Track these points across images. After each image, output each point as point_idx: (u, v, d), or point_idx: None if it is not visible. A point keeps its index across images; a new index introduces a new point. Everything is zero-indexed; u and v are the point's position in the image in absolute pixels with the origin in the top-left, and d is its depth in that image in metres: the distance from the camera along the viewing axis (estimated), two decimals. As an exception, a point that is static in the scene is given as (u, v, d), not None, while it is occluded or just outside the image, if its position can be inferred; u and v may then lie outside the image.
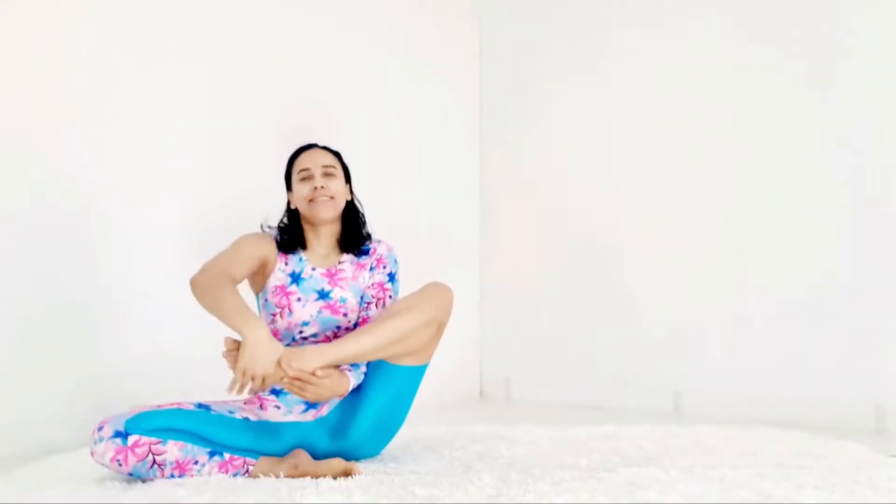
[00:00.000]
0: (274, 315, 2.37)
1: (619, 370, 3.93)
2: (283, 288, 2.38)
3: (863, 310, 3.33)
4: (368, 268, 2.44)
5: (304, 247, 2.43)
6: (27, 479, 2.19)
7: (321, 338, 2.36)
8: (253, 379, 2.09)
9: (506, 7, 4.44)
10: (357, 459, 2.33)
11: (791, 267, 3.50)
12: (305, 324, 2.35)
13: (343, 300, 2.38)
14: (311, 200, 2.38)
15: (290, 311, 2.36)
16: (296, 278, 2.39)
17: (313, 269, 2.40)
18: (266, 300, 2.39)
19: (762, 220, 3.58)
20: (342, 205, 2.44)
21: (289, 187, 2.47)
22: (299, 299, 2.36)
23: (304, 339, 2.36)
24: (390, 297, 2.44)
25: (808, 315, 3.44)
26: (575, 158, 4.15)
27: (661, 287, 3.84)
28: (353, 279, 2.42)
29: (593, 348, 4.03)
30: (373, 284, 2.43)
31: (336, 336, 2.37)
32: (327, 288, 2.38)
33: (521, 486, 1.92)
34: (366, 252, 2.46)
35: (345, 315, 2.38)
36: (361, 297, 2.41)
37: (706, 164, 3.75)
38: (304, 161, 2.43)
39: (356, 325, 2.40)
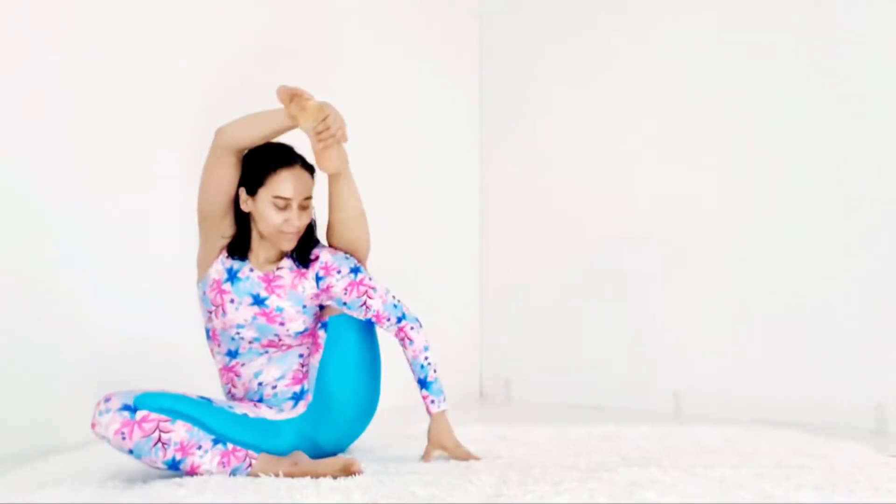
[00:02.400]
0: (210, 312, 2.30)
1: (619, 370, 3.93)
2: (218, 284, 2.28)
3: (862, 310, 3.33)
4: (313, 277, 2.29)
5: (247, 253, 2.30)
6: (27, 478, 2.19)
7: (264, 342, 2.29)
8: (329, 126, 2.16)
9: (506, 7, 4.44)
10: (360, 432, 2.37)
11: (791, 267, 3.50)
12: (241, 326, 2.27)
13: (280, 309, 2.27)
14: (280, 231, 2.24)
15: (223, 311, 2.28)
16: (232, 276, 2.28)
17: (251, 269, 2.29)
18: (204, 293, 2.31)
19: (762, 220, 3.58)
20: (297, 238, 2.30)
21: (251, 190, 2.25)
22: (232, 301, 2.27)
23: (243, 339, 2.28)
24: (372, 288, 2.30)
25: (809, 315, 3.44)
26: (575, 158, 4.15)
27: (660, 287, 3.84)
28: (291, 287, 2.28)
29: (593, 349, 4.02)
30: (346, 290, 2.29)
31: (275, 344, 2.29)
32: (263, 294, 2.27)
33: (521, 486, 1.92)
34: (307, 261, 2.31)
35: (282, 324, 2.27)
36: (304, 307, 2.28)
37: (706, 165, 3.75)
38: (285, 186, 2.22)
39: (305, 330, 2.30)
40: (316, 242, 2.36)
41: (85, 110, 2.98)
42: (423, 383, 2.33)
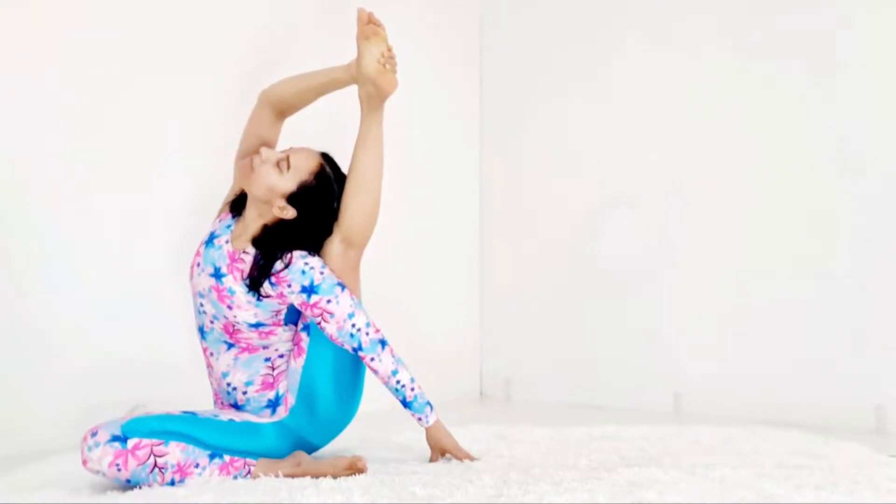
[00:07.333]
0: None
1: (619, 370, 3.93)
2: (200, 244, 2.29)
3: (862, 310, 3.32)
4: (267, 281, 2.18)
5: (240, 212, 2.29)
6: (27, 479, 2.19)
7: (220, 325, 2.22)
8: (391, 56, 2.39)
9: (506, 7, 4.44)
10: (349, 421, 2.34)
11: (791, 267, 3.50)
12: (201, 296, 2.23)
13: (231, 291, 2.18)
14: (247, 155, 2.31)
15: (192, 275, 2.28)
16: (210, 239, 2.27)
17: (227, 241, 2.24)
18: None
19: (762, 220, 3.58)
20: (255, 189, 2.20)
21: None
22: (199, 265, 2.25)
23: (206, 314, 2.23)
24: (329, 312, 2.18)
25: (808, 315, 3.44)
26: (575, 159, 4.15)
27: (660, 287, 3.84)
28: (250, 274, 2.20)
29: (593, 348, 4.02)
30: (301, 305, 2.19)
31: (231, 334, 2.22)
32: (224, 270, 2.20)
33: (521, 486, 1.92)
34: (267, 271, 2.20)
35: (229, 308, 2.18)
36: (258, 299, 2.17)
37: (706, 167, 3.75)
38: (294, 147, 2.31)
39: (258, 325, 2.21)
40: (286, 249, 2.21)
41: (79, 120, 2.98)
42: (403, 404, 2.27)
